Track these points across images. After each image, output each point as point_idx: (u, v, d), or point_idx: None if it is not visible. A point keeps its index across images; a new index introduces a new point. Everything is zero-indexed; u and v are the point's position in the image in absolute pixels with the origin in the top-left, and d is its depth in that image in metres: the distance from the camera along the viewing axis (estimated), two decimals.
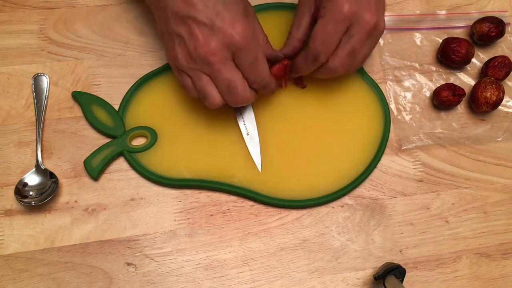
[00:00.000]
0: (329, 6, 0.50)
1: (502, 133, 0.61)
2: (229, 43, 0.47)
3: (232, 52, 0.47)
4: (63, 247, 0.54)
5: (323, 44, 0.50)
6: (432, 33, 0.65)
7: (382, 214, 0.57)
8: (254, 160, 0.56)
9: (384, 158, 0.59)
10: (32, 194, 0.54)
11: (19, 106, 0.58)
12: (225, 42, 0.47)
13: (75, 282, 0.52)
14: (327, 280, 0.54)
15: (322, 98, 0.60)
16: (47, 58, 0.60)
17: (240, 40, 0.46)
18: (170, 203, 0.56)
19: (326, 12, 0.50)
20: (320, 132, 0.59)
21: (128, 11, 0.62)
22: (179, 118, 0.58)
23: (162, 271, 0.54)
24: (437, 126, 0.61)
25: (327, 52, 0.51)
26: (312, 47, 0.51)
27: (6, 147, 0.56)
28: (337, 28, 0.50)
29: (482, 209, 0.58)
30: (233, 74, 0.48)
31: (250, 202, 0.56)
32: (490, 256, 0.57)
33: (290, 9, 0.63)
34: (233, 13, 0.47)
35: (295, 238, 0.55)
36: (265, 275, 0.54)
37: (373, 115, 0.60)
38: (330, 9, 0.50)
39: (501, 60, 0.61)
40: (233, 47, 0.47)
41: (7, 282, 0.52)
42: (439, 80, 0.63)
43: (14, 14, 0.61)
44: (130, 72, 0.60)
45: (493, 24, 0.62)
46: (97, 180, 0.56)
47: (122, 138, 0.56)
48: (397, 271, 0.52)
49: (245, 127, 0.57)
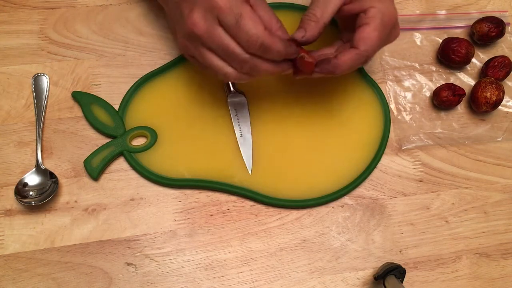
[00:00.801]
0: (380, 7, 0.49)
1: (502, 133, 0.61)
2: (208, 8, 0.45)
3: (216, 17, 0.45)
4: (63, 247, 0.54)
5: (375, 49, 0.50)
6: (432, 33, 0.65)
7: (382, 214, 0.57)
8: (245, 162, 0.56)
9: (384, 158, 0.59)
10: (32, 194, 0.54)
11: (19, 106, 0.58)
12: (205, 8, 0.45)
13: (75, 282, 0.52)
14: (327, 280, 0.54)
15: (322, 98, 0.60)
16: (47, 58, 0.60)
17: (217, 1, 0.44)
18: (170, 203, 0.56)
19: (377, 14, 0.49)
20: (319, 132, 0.59)
21: (128, 11, 0.62)
22: (179, 118, 0.58)
23: (162, 271, 0.54)
24: (437, 126, 0.61)
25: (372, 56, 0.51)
26: (364, 49, 0.49)
27: (6, 147, 0.56)
28: (385, 32, 0.50)
29: (482, 209, 0.58)
30: (224, 39, 0.46)
31: (250, 202, 0.56)
32: (490, 256, 0.57)
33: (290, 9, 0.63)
34: None
35: (295, 238, 0.56)
36: (265, 275, 0.54)
37: (373, 115, 0.60)
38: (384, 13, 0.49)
39: (501, 60, 0.61)
40: (214, 11, 0.45)
41: (7, 282, 0.52)
42: (439, 80, 0.63)
43: (14, 14, 0.61)
44: (130, 72, 0.60)
45: (493, 24, 0.62)
46: (97, 180, 0.56)
47: (122, 138, 0.56)
48: (397, 271, 0.52)
49: (239, 128, 0.57)
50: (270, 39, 0.46)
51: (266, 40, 0.46)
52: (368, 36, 0.49)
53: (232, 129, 0.58)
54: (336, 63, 0.49)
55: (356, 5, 0.50)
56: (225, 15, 0.45)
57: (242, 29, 0.45)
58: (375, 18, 0.49)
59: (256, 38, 0.45)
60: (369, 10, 0.49)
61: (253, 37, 0.45)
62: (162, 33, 0.61)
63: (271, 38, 0.46)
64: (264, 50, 0.46)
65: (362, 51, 0.49)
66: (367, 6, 0.49)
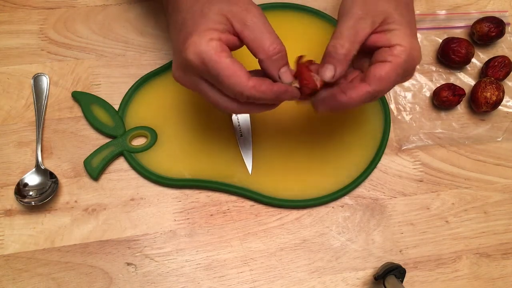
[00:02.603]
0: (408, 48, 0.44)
1: (502, 133, 0.61)
2: (185, 66, 0.43)
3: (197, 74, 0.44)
4: (63, 247, 0.54)
5: (388, 90, 0.45)
6: (432, 33, 0.65)
7: (382, 214, 0.57)
8: (245, 162, 0.56)
9: (384, 158, 0.59)
10: (32, 194, 0.54)
11: (19, 106, 0.58)
12: (183, 66, 0.44)
13: (75, 282, 0.52)
14: (327, 280, 0.54)
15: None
16: (47, 58, 0.60)
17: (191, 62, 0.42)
18: (170, 203, 0.56)
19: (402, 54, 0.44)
20: (319, 132, 0.59)
21: (128, 11, 0.62)
22: (179, 118, 0.58)
23: (162, 271, 0.54)
24: (437, 126, 0.61)
25: None
26: (376, 90, 0.44)
27: (6, 147, 0.56)
28: (404, 73, 0.45)
29: (482, 209, 0.58)
30: (210, 94, 0.44)
31: (250, 202, 0.56)
32: (490, 256, 0.57)
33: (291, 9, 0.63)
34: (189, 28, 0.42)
35: (295, 238, 0.55)
36: (265, 275, 0.54)
37: (373, 115, 0.60)
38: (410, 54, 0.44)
39: (501, 60, 0.61)
40: (192, 70, 0.43)
41: (7, 282, 0.52)
42: (439, 80, 0.63)
43: (14, 14, 0.61)
44: (130, 72, 0.60)
45: (493, 24, 0.62)
46: (97, 180, 0.56)
47: (122, 138, 0.56)
48: (397, 271, 0.52)
49: (239, 128, 0.57)
50: (256, 91, 0.42)
51: (252, 93, 0.42)
52: (386, 76, 0.43)
53: (232, 129, 0.58)
54: (343, 100, 0.44)
55: (384, 37, 0.45)
56: (203, 74, 0.43)
57: (224, 87, 0.42)
58: (399, 58, 0.44)
59: (240, 95, 0.42)
60: (395, 47, 0.44)
61: (237, 94, 0.42)
62: (162, 33, 0.61)
63: (257, 89, 0.42)
64: (254, 98, 0.43)
65: (374, 90, 0.44)
66: (395, 43, 0.44)
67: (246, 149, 0.57)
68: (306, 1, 0.63)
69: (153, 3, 0.62)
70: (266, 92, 0.42)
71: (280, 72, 0.44)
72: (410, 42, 0.44)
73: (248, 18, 0.43)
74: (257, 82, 0.42)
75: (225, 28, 0.43)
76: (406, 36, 0.45)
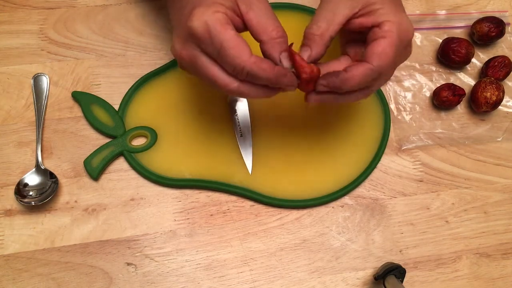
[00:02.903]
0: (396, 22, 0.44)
1: (502, 133, 0.61)
2: (187, 37, 0.43)
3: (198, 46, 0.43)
4: (63, 247, 0.54)
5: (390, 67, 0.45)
6: (432, 33, 0.65)
7: (382, 214, 0.57)
8: (245, 162, 0.56)
9: (384, 158, 0.59)
10: (32, 194, 0.54)
11: (19, 106, 0.58)
12: (184, 37, 0.43)
13: (75, 282, 0.52)
14: (327, 280, 0.54)
15: None
16: (47, 58, 0.60)
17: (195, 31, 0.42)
18: (170, 203, 0.56)
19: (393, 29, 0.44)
20: (319, 132, 0.59)
21: (128, 11, 0.62)
22: (179, 118, 0.58)
23: (162, 271, 0.54)
24: (437, 126, 0.61)
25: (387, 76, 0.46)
26: (378, 65, 0.43)
27: (6, 147, 0.56)
28: (401, 49, 0.45)
29: (482, 209, 0.58)
30: (208, 69, 0.43)
31: (250, 202, 0.56)
32: (490, 256, 0.57)
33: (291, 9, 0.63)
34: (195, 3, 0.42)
35: (295, 238, 0.55)
36: (265, 275, 0.54)
37: (373, 115, 0.60)
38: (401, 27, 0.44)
39: (501, 60, 0.61)
40: (194, 41, 0.43)
41: (7, 282, 0.52)
42: (439, 80, 0.63)
43: (14, 14, 0.61)
44: (130, 72, 0.60)
45: (493, 24, 0.62)
46: (97, 180, 0.56)
47: (122, 138, 0.56)
48: (397, 271, 0.52)
49: (239, 128, 0.57)
50: (257, 67, 0.42)
51: (253, 68, 0.42)
52: (384, 51, 0.43)
53: (232, 129, 0.58)
54: (345, 77, 0.43)
55: (370, 18, 0.45)
56: (205, 45, 0.42)
57: (225, 60, 0.42)
58: (392, 33, 0.44)
59: (240, 68, 0.42)
60: (384, 23, 0.44)
61: (237, 67, 0.42)
62: (162, 33, 0.61)
63: (258, 65, 0.42)
64: (252, 78, 0.43)
65: (376, 66, 0.43)
66: (382, 20, 0.44)
67: (246, 149, 0.57)
68: (306, 1, 0.63)
69: (153, 3, 0.62)
70: (267, 70, 0.42)
71: (282, 55, 0.44)
72: (397, 16, 0.45)
73: (254, 1, 0.44)
74: (258, 59, 0.42)
75: (231, 6, 0.43)
76: (392, 11, 0.45)
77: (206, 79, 0.44)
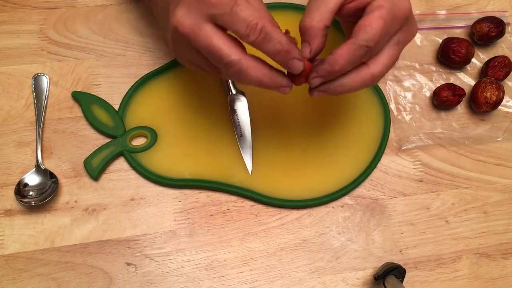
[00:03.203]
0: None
1: (502, 133, 0.61)
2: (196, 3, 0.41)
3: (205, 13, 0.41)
4: (63, 247, 0.54)
5: (380, 37, 0.42)
6: (432, 33, 0.65)
7: (382, 214, 0.57)
8: (245, 162, 0.56)
9: (384, 158, 0.59)
10: (32, 194, 0.54)
11: (19, 106, 0.58)
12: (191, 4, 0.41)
13: (75, 282, 0.52)
14: (327, 280, 0.54)
15: (322, 99, 0.60)
16: (47, 58, 0.60)
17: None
18: (170, 203, 0.56)
19: (385, 3, 0.42)
20: (319, 132, 0.59)
21: (128, 11, 0.62)
22: (179, 118, 0.58)
23: (162, 271, 0.54)
24: (437, 126, 0.61)
25: (376, 50, 0.43)
26: (363, 39, 0.42)
27: (6, 147, 0.56)
28: (393, 25, 0.43)
29: (482, 209, 0.58)
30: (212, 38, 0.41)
31: (250, 202, 0.56)
32: (490, 256, 0.57)
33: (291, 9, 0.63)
34: None
35: (295, 238, 0.55)
36: (265, 275, 0.54)
37: (373, 115, 0.60)
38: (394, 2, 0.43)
39: (501, 60, 0.61)
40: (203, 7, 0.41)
41: (7, 282, 0.52)
42: (439, 80, 0.63)
43: (14, 14, 0.61)
44: (130, 72, 0.60)
45: (493, 24, 0.62)
46: (97, 180, 0.56)
47: (122, 138, 0.56)
48: (397, 271, 0.52)
49: (239, 128, 0.57)
50: (271, 25, 0.40)
51: (267, 25, 0.40)
52: (369, 23, 0.42)
53: (232, 129, 0.58)
54: (331, 58, 0.42)
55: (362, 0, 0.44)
56: (217, 6, 0.40)
57: (238, 16, 0.40)
58: (382, 7, 0.42)
59: (255, 24, 0.40)
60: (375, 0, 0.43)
61: (252, 22, 0.40)
62: (162, 33, 0.61)
63: (273, 25, 0.40)
64: (264, 39, 0.40)
65: (360, 40, 0.41)
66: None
67: (246, 149, 0.57)
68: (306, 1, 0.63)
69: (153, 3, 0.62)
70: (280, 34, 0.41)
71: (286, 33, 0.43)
72: None
73: None
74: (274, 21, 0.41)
75: None
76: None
77: (207, 50, 0.42)
